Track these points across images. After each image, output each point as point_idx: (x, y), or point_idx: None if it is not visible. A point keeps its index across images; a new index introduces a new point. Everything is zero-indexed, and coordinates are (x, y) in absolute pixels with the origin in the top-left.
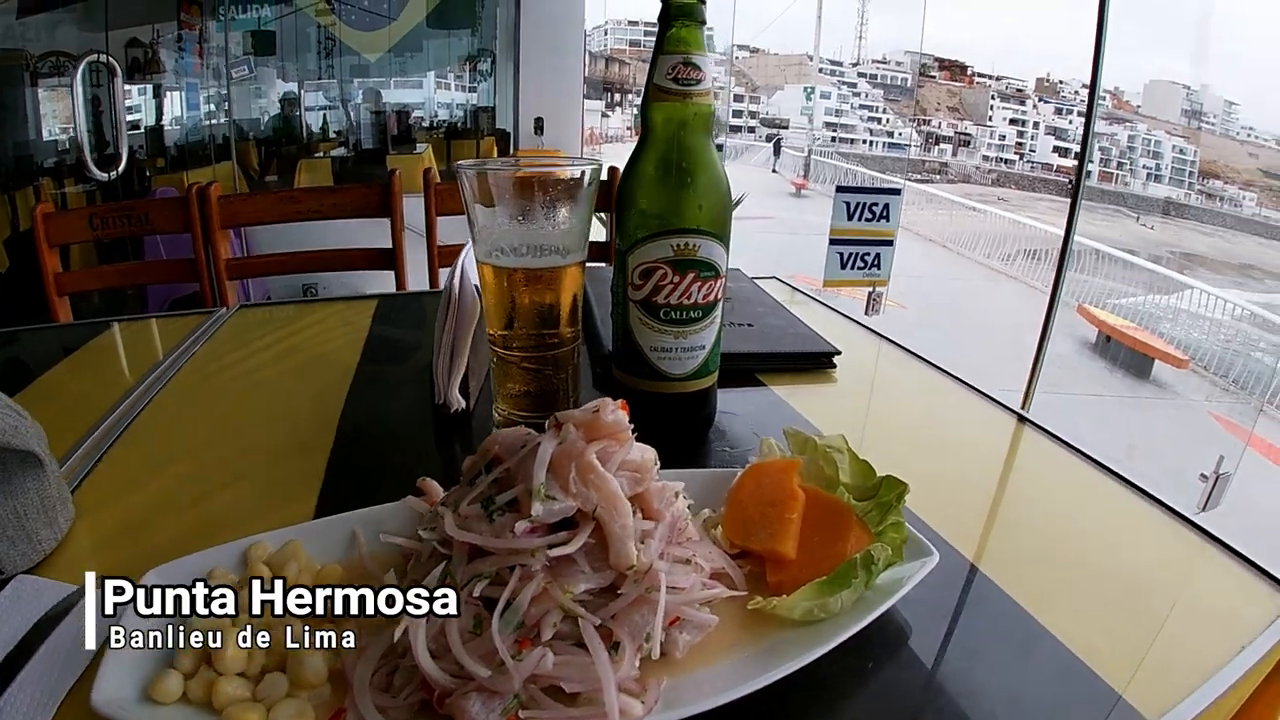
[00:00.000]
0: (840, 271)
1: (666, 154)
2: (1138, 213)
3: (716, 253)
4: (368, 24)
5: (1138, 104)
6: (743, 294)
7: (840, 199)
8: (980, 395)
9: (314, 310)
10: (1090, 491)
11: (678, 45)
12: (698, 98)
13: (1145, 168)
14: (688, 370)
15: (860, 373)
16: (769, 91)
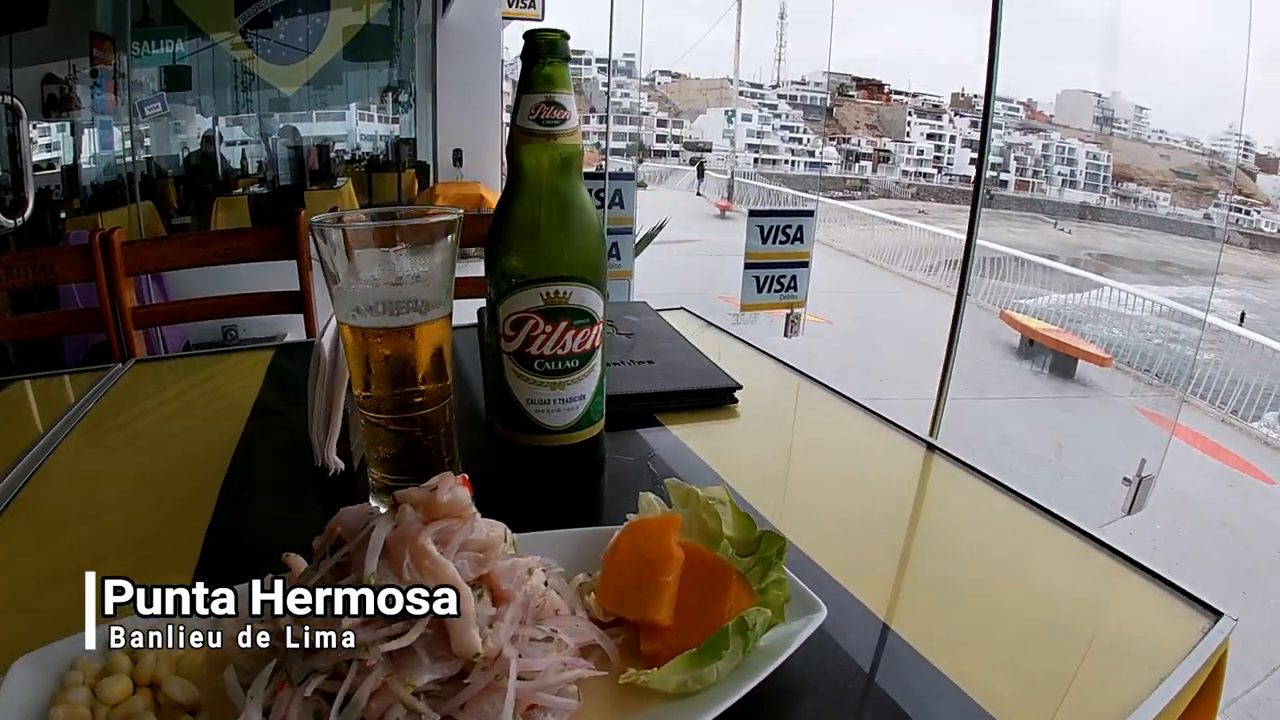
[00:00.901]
0: (757, 295)
1: (533, 198)
2: (1055, 218)
3: (590, 299)
4: (284, 58)
5: (1051, 113)
6: (646, 329)
7: (753, 223)
8: (888, 424)
9: (209, 363)
10: (1000, 520)
11: (541, 84)
12: (563, 138)
13: (1060, 174)
14: (568, 422)
15: (764, 406)
16: (691, 115)
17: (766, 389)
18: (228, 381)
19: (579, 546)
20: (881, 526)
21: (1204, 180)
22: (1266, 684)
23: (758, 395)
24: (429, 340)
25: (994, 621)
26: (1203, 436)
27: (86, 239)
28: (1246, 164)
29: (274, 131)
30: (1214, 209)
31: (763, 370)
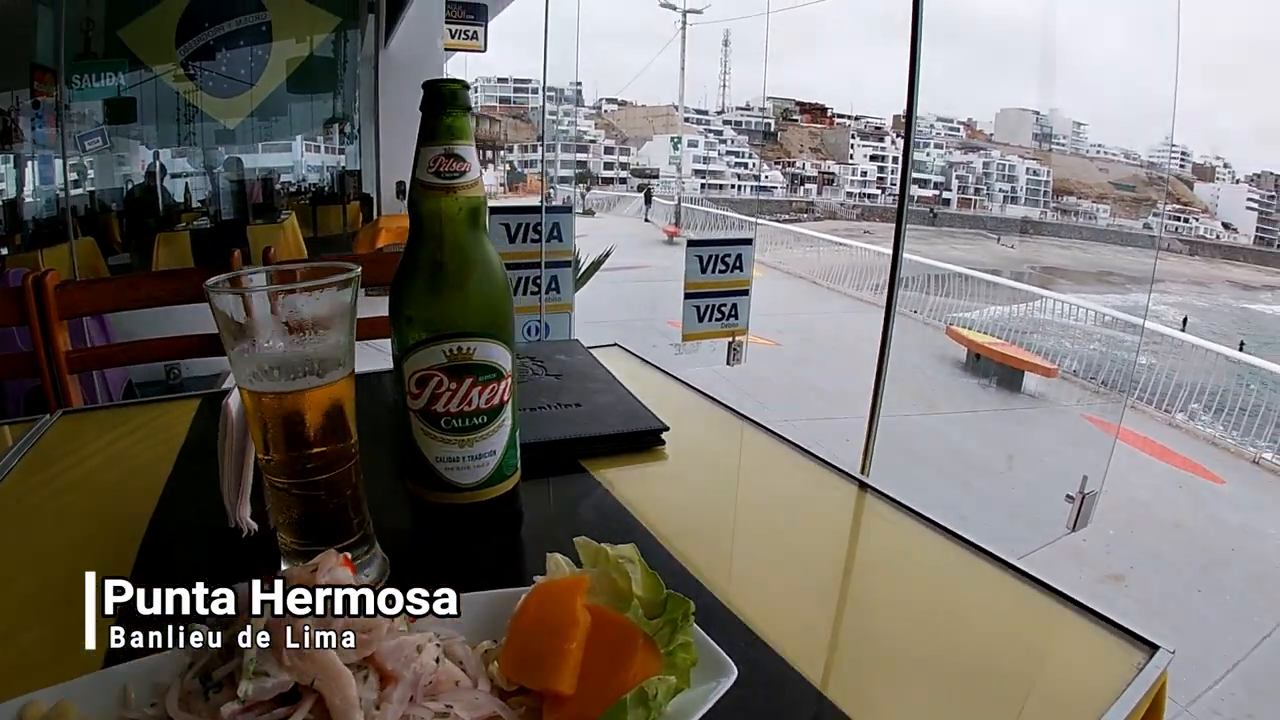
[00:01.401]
0: (699, 324)
1: (434, 253)
2: (998, 234)
3: (496, 353)
4: (226, 90)
5: (991, 132)
6: (576, 369)
7: (692, 252)
8: (818, 462)
9: (136, 414)
10: (931, 561)
11: (440, 136)
12: (463, 190)
13: (1002, 191)
14: (479, 479)
15: (692, 447)
16: (638, 142)
17: (696, 428)
18: (154, 434)
19: (485, 610)
20: (809, 573)
21: (1142, 191)
22: (1228, 680)
23: (686, 436)
24: (328, 402)
25: (924, 671)
26: (1151, 440)
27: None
28: (1184, 173)
29: (218, 164)
30: (1153, 218)
31: (693, 408)
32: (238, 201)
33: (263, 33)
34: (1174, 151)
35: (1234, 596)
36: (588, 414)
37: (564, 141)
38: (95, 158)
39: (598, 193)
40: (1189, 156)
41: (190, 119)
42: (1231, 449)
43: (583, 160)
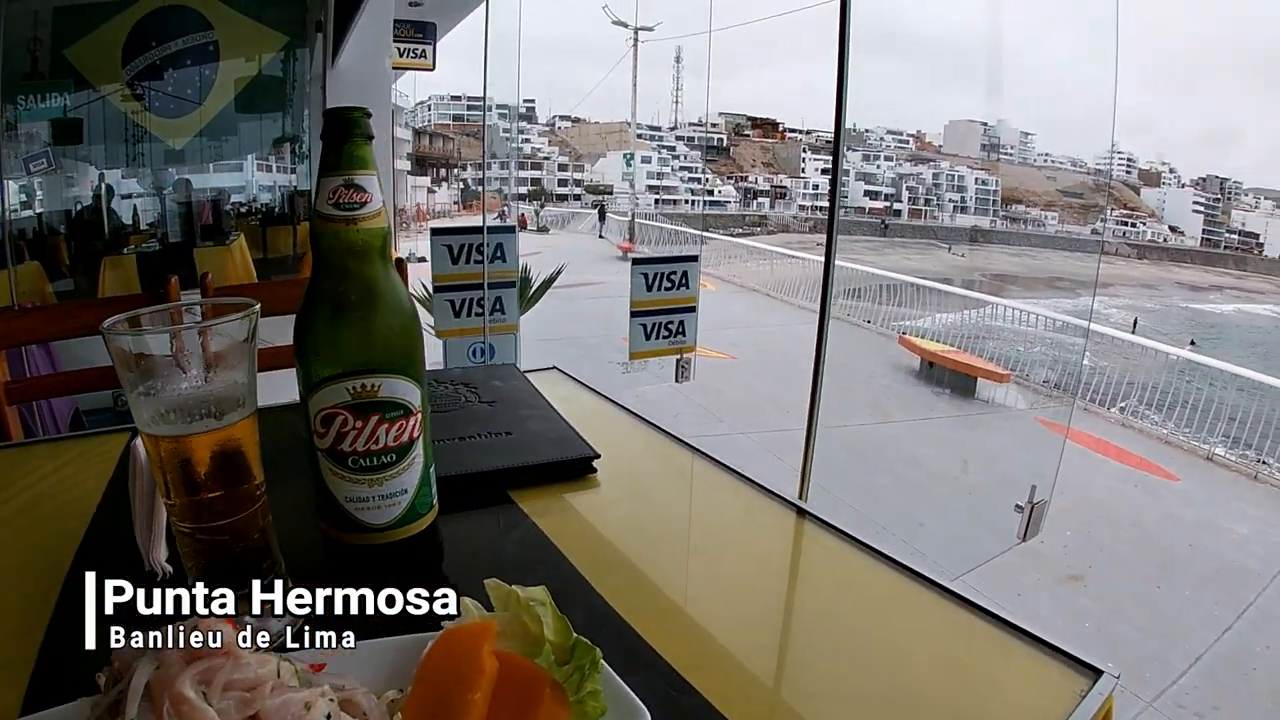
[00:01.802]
0: (646, 342)
1: (335, 287)
2: (949, 243)
3: (403, 389)
4: (174, 110)
5: (940, 143)
6: (510, 396)
7: (637, 271)
8: (757, 489)
9: (65, 449)
10: (868, 590)
11: (340, 165)
12: (364, 222)
13: (951, 201)
14: (391, 518)
15: (624, 475)
16: (592, 159)
17: (630, 455)
18: (79, 470)
19: (391, 658)
20: (741, 607)
21: (1090, 198)
22: (1191, 674)
23: (620, 462)
24: (229, 445)
25: (861, 708)
26: (1104, 441)
27: None
28: (1130, 179)
29: (167, 185)
30: (1101, 224)
31: (629, 434)
32: (186, 223)
33: (210, 52)
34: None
35: (1193, 592)
36: (517, 443)
37: (518, 159)
38: (42, 179)
39: (552, 209)
40: (1135, 162)
41: (138, 139)
42: (1185, 446)
43: (537, 177)
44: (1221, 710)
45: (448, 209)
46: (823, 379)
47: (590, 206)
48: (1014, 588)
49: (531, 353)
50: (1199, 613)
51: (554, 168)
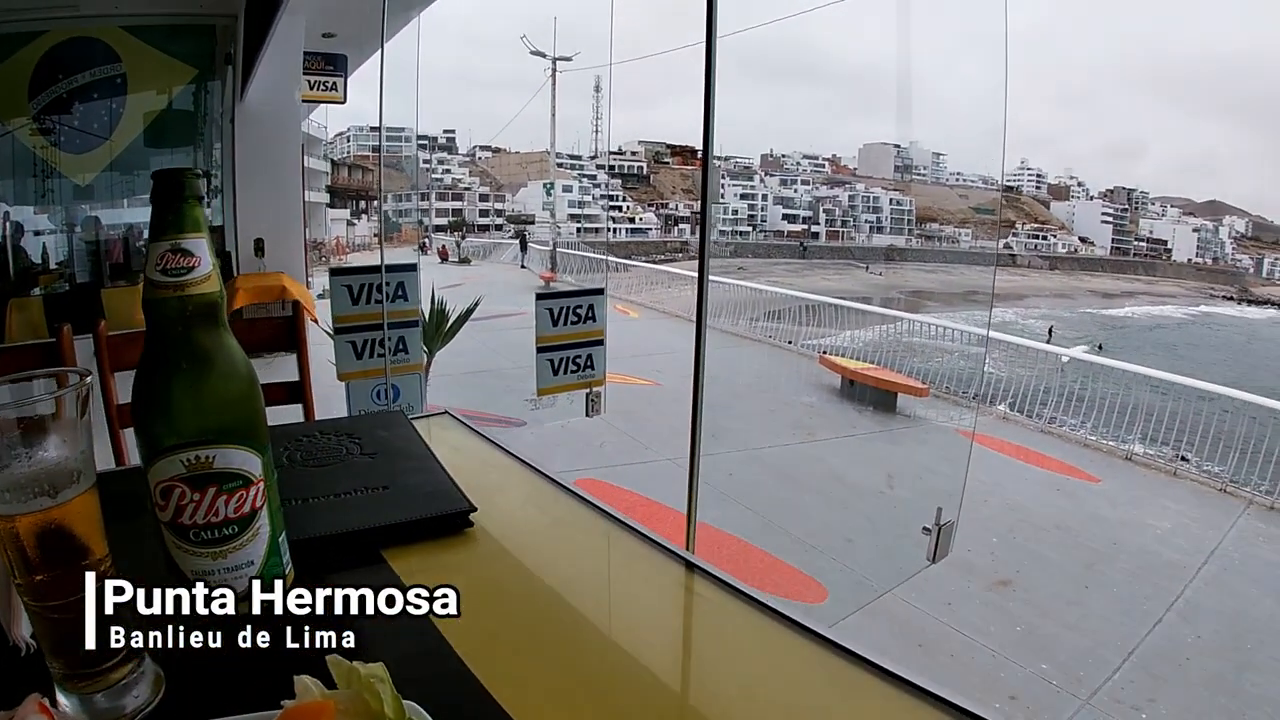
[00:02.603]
0: (554, 378)
1: (167, 356)
2: (866, 263)
3: (240, 459)
4: (81, 144)
5: (855, 166)
6: (392, 446)
7: (541, 306)
8: (643, 540)
9: None
10: (760, 648)
11: (167, 230)
12: (194, 287)
13: (868, 221)
14: (239, 591)
15: (503, 528)
16: (513, 189)
17: (513, 506)
18: None
19: None
20: (620, 671)
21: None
22: (1126, 669)
23: (499, 515)
24: (68, 521)
25: None
26: (1025, 448)
27: None
28: (1040, 194)
29: (77, 222)
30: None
31: (515, 482)
32: (95, 262)
33: (118, 85)
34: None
35: (1121, 588)
36: (392, 498)
37: (438, 190)
38: None
39: (474, 240)
40: (1044, 178)
41: (46, 175)
42: (1104, 448)
43: (458, 208)
44: (1158, 702)
45: (368, 241)
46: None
47: (512, 237)
48: (944, 597)
49: (455, 386)
50: (1129, 608)
51: (475, 198)
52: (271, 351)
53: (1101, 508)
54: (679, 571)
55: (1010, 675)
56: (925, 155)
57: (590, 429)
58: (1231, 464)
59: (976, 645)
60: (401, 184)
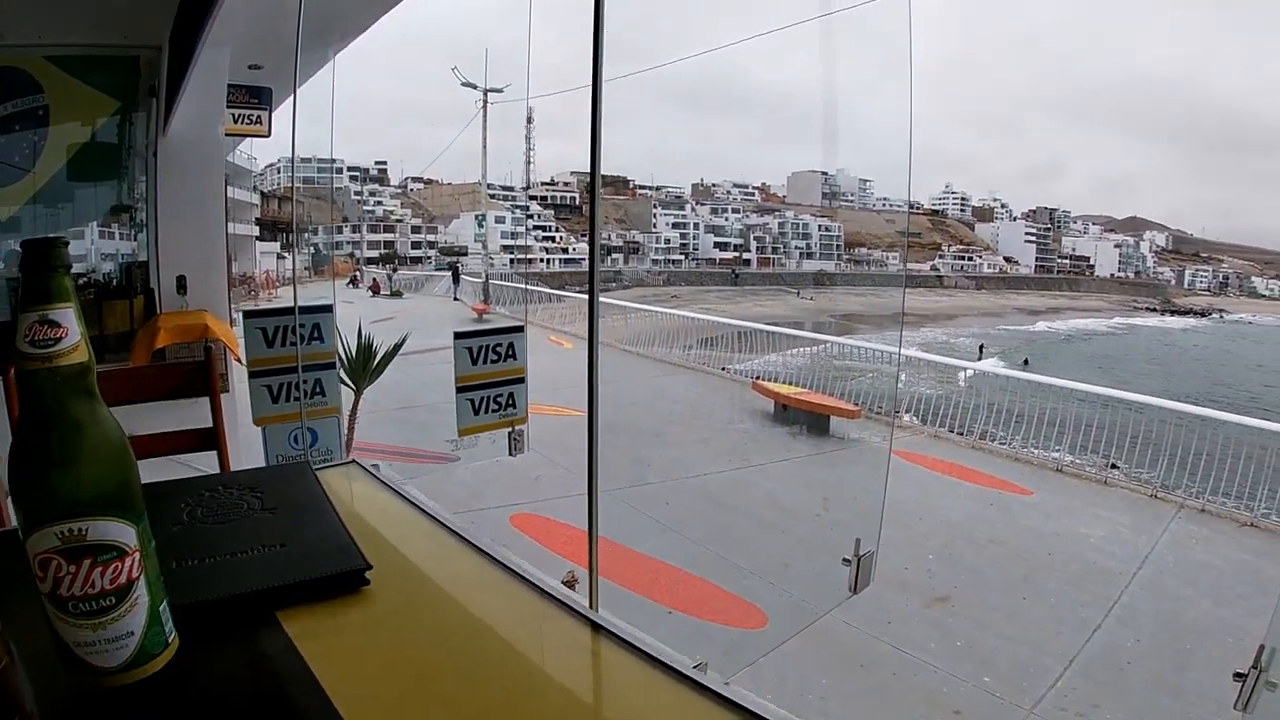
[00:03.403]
0: (474, 417)
1: (37, 428)
2: (797, 288)
3: (115, 530)
4: (3, 177)
5: (784, 194)
6: (294, 500)
7: (460, 345)
8: (548, 599)
9: None
10: (661, 710)
11: (33, 301)
12: (62, 358)
13: (798, 248)
14: (121, 662)
15: (405, 586)
16: (446, 220)
17: (410, 561)
18: None
19: None
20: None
21: (928, 236)
22: (1068, 676)
23: (399, 572)
24: None
25: None
26: (957, 464)
27: None
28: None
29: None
30: (940, 260)
31: (418, 536)
32: (16, 298)
33: (40, 116)
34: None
35: (1058, 598)
36: (286, 557)
37: (370, 221)
38: None
39: (406, 273)
40: (969, 200)
41: None
42: (1035, 461)
43: (390, 240)
44: (1102, 707)
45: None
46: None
47: (445, 268)
48: (884, 616)
49: (388, 423)
50: (1067, 616)
51: (407, 230)
52: (188, 396)
53: (1035, 520)
54: (583, 632)
55: (953, 690)
56: (852, 182)
57: (525, 463)
58: (1161, 470)
59: (918, 662)
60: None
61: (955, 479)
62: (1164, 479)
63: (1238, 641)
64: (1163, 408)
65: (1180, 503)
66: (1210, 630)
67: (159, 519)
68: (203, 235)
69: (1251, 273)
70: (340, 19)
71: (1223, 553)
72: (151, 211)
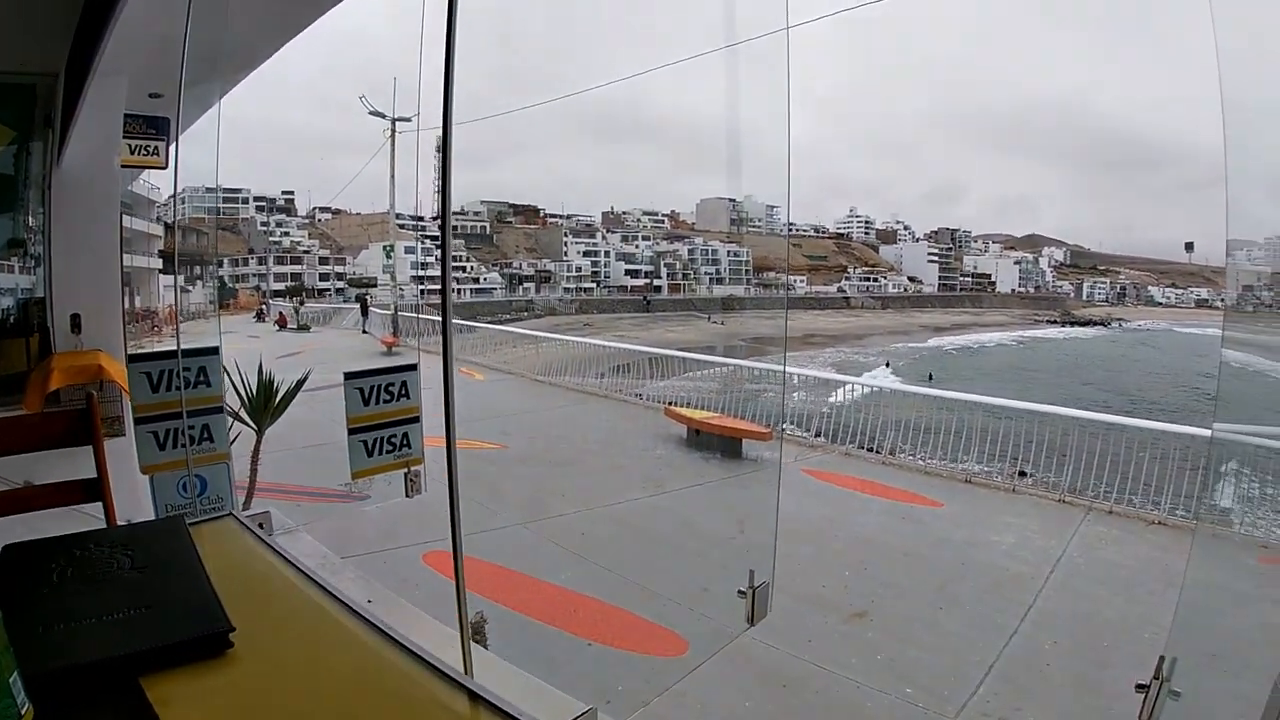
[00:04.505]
0: (368, 459)
1: None
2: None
3: None
4: None
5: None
6: (165, 559)
7: (350, 386)
8: (419, 662)
9: None
10: None
11: None
12: None
13: (707, 273)
14: None
15: (271, 648)
16: (354, 251)
17: (278, 622)
18: None
19: None
20: None
21: (833, 259)
22: (988, 682)
23: (264, 633)
24: None
25: None
26: (869, 481)
27: None
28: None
29: None
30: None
31: (285, 594)
32: None
33: None
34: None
35: (974, 606)
36: (151, 620)
37: (277, 253)
38: None
39: (313, 305)
40: (873, 224)
41: None
42: (945, 473)
43: (297, 272)
44: (1024, 709)
45: (203, 309)
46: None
47: (353, 300)
48: (803, 635)
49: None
50: (984, 623)
51: (315, 261)
52: (70, 445)
53: (947, 530)
54: (458, 700)
55: (876, 704)
56: (759, 208)
57: (437, 499)
58: (1067, 475)
59: (840, 679)
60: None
61: (868, 495)
62: (1071, 483)
63: (1154, 636)
64: (1067, 416)
65: (1088, 506)
66: (1127, 627)
67: (30, 581)
68: (98, 271)
69: (1147, 282)
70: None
71: (1133, 551)
72: (48, 246)
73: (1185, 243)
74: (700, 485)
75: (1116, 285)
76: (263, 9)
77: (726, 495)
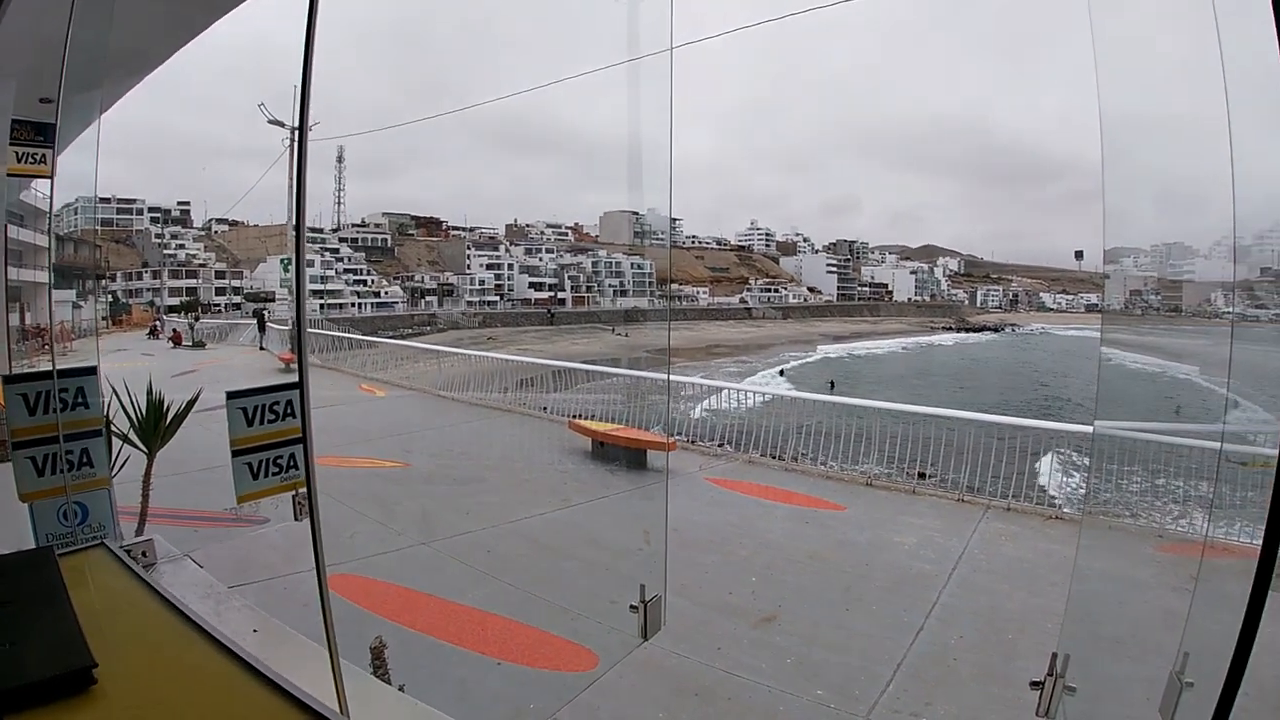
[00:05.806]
0: (254, 483)
1: None
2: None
3: None
4: None
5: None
6: (30, 593)
7: (234, 406)
8: (293, 703)
9: None
10: None
11: None
12: None
13: (611, 286)
14: None
15: (135, 682)
16: (252, 264)
17: (144, 658)
18: None
19: None
20: None
21: (735, 271)
22: (898, 679)
23: (131, 671)
24: None
25: None
26: (772, 487)
27: None
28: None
29: None
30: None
31: (154, 628)
32: None
33: None
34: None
35: (879, 605)
36: (11, 658)
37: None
38: None
39: (209, 321)
40: (773, 236)
41: None
42: (847, 477)
43: (193, 286)
44: (934, 704)
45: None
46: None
47: (251, 316)
48: (713, 642)
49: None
50: (891, 622)
51: (211, 275)
52: None
53: (850, 533)
54: None
55: (788, 707)
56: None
57: (340, 519)
58: (965, 475)
59: (751, 684)
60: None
61: (771, 501)
62: (969, 483)
63: (1057, 626)
64: (963, 418)
65: (986, 504)
66: (1030, 619)
67: None
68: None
69: (1039, 289)
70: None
71: (1031, 545)
72: None
73: (1075, 251)
74: (606, 498)
75: (1009, 292)
76: (151, 11)
77: (632, 506)
